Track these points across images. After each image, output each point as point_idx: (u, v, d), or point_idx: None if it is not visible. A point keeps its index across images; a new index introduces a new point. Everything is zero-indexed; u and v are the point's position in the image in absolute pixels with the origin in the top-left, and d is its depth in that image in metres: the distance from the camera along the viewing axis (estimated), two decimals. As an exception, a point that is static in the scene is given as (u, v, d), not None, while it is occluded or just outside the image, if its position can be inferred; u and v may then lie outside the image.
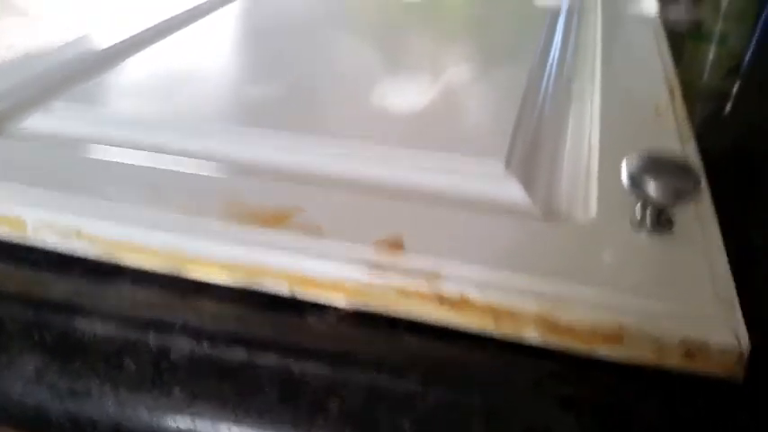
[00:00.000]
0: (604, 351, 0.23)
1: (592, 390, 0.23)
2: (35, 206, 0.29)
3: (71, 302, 0.27)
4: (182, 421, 0.23)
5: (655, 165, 0.25)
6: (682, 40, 0.60)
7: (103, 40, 0.48)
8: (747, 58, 0.59)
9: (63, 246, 0.29)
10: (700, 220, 0.27)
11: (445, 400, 0.23)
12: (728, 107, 0.50)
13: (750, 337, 0.22)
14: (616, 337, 0.23)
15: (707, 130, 0.41)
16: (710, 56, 0.61)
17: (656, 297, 0.23)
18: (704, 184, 0.29)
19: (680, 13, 0.67)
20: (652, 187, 0.24)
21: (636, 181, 0.25)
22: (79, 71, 0.44)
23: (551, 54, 0.47)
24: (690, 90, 0.50)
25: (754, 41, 0.62)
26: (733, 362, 0.22)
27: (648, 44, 0.47)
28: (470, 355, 0.24)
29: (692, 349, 0.22)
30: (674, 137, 0.33)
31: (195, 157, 0.32)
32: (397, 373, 0.24)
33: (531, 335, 0.24)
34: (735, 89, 0.53)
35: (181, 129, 0.35)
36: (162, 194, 0.29)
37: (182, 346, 0.25)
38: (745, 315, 0.23)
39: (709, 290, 0.24)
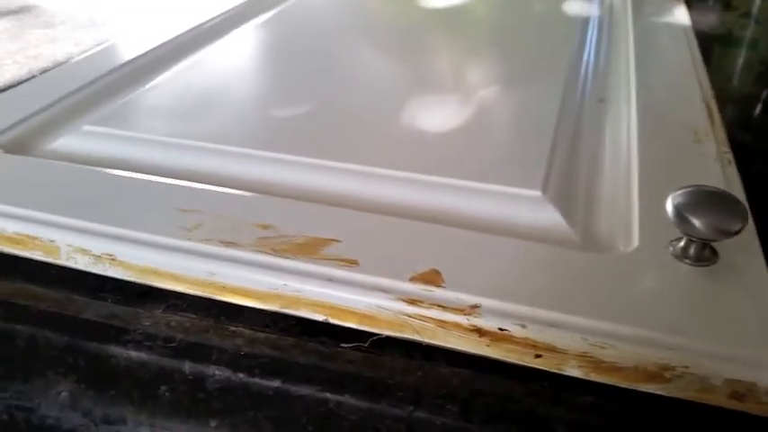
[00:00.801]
0: (649, 388, 0.23)
1: (636, 426, 0.22)
2: (68, 231, 0.29)
3: (106, 325, 0.27)
4: (217, 452, 0.23)
5: (701, 200, 0.25)
6: (711, 44, 0.60)
7: (126, 53, 0.48)
8: None
9: (96, 269, 0.29)
10: (744, 251, 0.26)
11: (485, 437, 0.22)
12: (758, 110, 0.50)
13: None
14: (659, 376, 0.22)
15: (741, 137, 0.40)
16: (741, 61, 0.60)
17: (701, 336, 0.22)
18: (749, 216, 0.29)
19: (710, 19, 0.66)
20: (699, 224, 0.24)
21: (682, 216, 0.24)
22: (106, 89, 0.44)
23: (582, 69, 0.47)
24: (721, 95, 0.50)
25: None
26: (783, 403, 0.22)
27: (683, 60, 0.47)
28: (510, 387, 0.24)
29: (739, 390, 0.22)
30: (715, 163, 0.32)
31: (227, 183, 0.32)
32: (434, 406, 0.23)
33: (573, 371, 0.23)
34: (765, 94, 0.53)
35: (210, 152, 0.35)
36: (194, 221, 0.29)
37: (217, 374, 0.25)
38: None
39: (754, 328, 0.23)
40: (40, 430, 0.26)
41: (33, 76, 0.52)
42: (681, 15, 0.56)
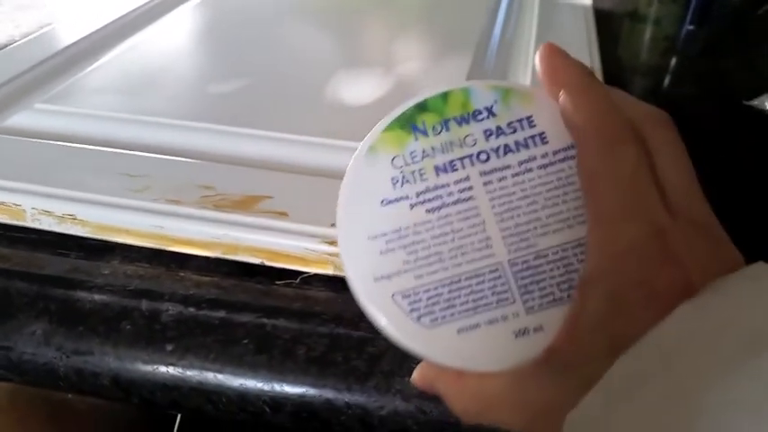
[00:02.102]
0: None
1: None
2: (33, 195, 0.33)
3: (70, 277, 0.32)
4: (173, 370, 0.28)
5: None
6: (620, 21, 0.66)
7: (70, 34, 0.52)
8: (681, 37, 0.65)
9: (59, 228, 0.33)
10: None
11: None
12: (666, 82, 0.56)
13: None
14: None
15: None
16: (647, 36, 0.67)
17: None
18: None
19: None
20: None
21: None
22: (54, 70, 0.47)
23: (490, 47, 0.52)
24: (630, 67, 0.56)
25: (686, 23, 0.68)
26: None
27: (580, 39, 0.53)
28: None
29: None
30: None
31: (171, 152, 0.36)
32: (352, 324, 0.29)
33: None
34: (671, 65, 0.60)
35: (155, 125, 0.39)
36: (143, 184, 0.33)
37: (170, 309, 0.30)
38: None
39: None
40: (19, 365, 0.30)
41: (-24, 59, 0.55)
42: (582, -6, 0.62)
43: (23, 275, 0.32)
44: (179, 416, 0.59)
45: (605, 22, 0.60)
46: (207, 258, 0.32)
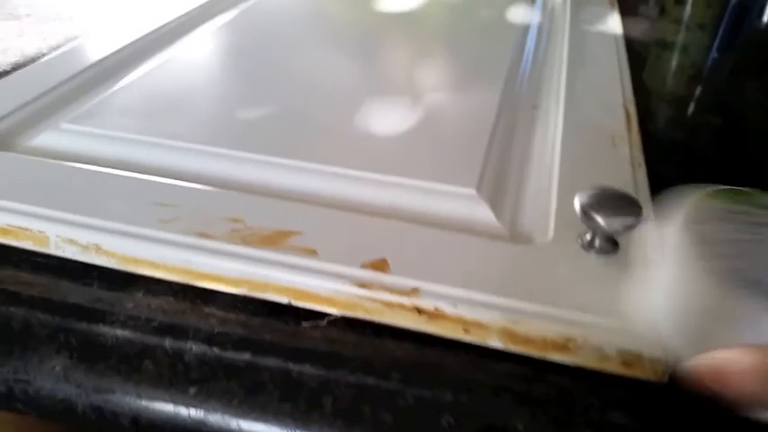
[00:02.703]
0: (556, 357, 0.28)
1: (545, 387, 0.27)
2: (57, 223, 0.32)
3: (93, 309, 0.31)
4: (196, 414, 0.27)
5: (603, 199, 0.29)
6: (647, 49, 0.65)
7: (95, 51, 0.51)
8: (707, 65, 0.64)
9: (83, 258, 0.32)
10: (641, 242, 0.32)
11: (422, 397, 0.27)
12: (689, 109, 0.55)
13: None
14: (564, 347, 0.27)
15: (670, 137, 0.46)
16: (674, 63, 0.66)
17: (600, 314, 0.27)
18: (649, 212, 0.34)
19: (644, 25, 0.72)
20: (600, 220, 0.29)
21: (587, 213, 0.29)
22: (79, 88, 0.47)
23: (519, 76, 0.52)
24: (655, 95, 0.55)
25: (713, 50, 0.68)
26: (661, 369, 0.27)
27: (611, 68, 0.52)
28: (443, 358, 0.29)
29: (628, 359, 0.27)
30: (627, 165, 0.37)
31: (199, 179, 0.36)
32: (381, 373, 0.28)
33: (495, 342, 0.28)
34: (696, 94, 0.58)
35: (182, 151, 0.38)
36: (171, 214, 0.32)
37: (194, 349, 0.29)
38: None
39: (643, 307, 0.28)
40: (37, 400, 0.29)
41: (5, 71, 0.55)
42: (613, 23, 0.61)
43: (45, 305, 0.31)
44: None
45: (632, 49, 0.59)
46: (233, 295, 0.31)
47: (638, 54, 0.60)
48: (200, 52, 0.54)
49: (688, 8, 0.80)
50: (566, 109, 0.43)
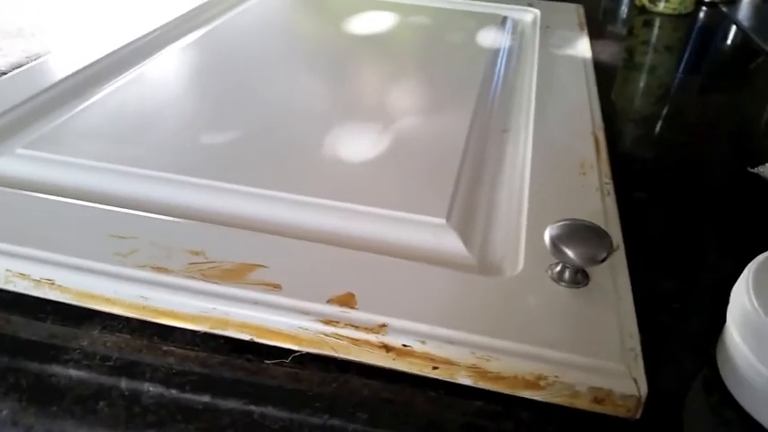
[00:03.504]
0: (526, 394, 0.27)
1: (515, 425, 0.27)
2: (8, 256, 0.31)
3: (46, 345, 0.29)
4: (152, 461, 0.26)
5: (573, 231, 0.29)
6: (615, 70, 0.66)
7: (56, 71, 0.50)
8: (674, 85, 0.65)
9: (36, 292, 0.31)
10: (613, 275, 0.31)
11: (388, 440, 0.26)
12: (657, 129, 0.56)
13: (650, 380, 0.26)
14: (535, 384, 0.27)
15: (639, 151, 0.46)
16: (642, 84, 0.66)
17: (571, 350, 0.27)
18: (619, 243, 0.34)
19: (612, 46, 0.72)
20: (571, 253, 0.28)
21: (557, 247, 0.29)
22: (37, 110, 0.45)
23: (489, 100, 0.51)
24: (623, 116, 0.56)
25: (679, 72, 0.69)
26: (633, 405, 0.26)
27: (580, 93, 0.52)
28: (412, 395, 0.28)
29: (599, 396, 0.26)
30: (596, 193, 0.37)
31: (159, 209, 0.35)
32: (347, 414, 0.27)
33: (465, 380, 0.27)
34: (663, 112, 0.59)
35: (142, 178, 0.37)
36: (129, 247, 0.31)
37: (151, 390, 0.28)
38: (648, 359, 0.27)
39: (617, 343, 0.28)
40: (-18, 446, 0.28)
41: (-41, 91, 0.53)
42: (582, 46, 0.62)
43: (-6, 343, 0.30)
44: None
45: (601, 69, 0.59)
46: (193, 331, 0.30)
47: (606, 74, 0.61)
48: (165, 73, 0.52)
49: (655, 30, 0.81)
50: (535, 134, 0.43)
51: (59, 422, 0.27)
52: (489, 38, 0.63)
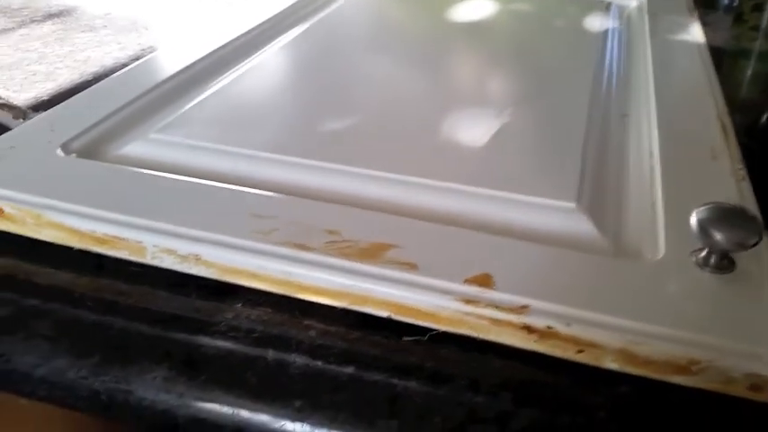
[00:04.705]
0: (676, 380, 0.26)
1: (666, 412, 0.26)
2: (155, 233, 0.32)
3: (192, 319, 0.31)
4: (301, 429, 0.27)
5: (722, 215, 0.28)
6: (723, 57, 0.63)
7: (174, 62, 0.52)
8: None
9: (181, 268, 0.32)
10: (758, 261, 0.30)
11: (537, 419, 0.26)
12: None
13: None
14: (687, 369, 0.26)
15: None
16: (750, 72, 0.63)
17: (725, 335, 0.26)
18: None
19: (721, 32, 0.69)
20: (720, 237, 0.27)
21: (705, 230, 0.28)
22: (163, 98, 0.47)
23: (605, 84, 0.50)
24: (734, 105, 0.53)
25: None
26: (793, 394, 0.25)
27: (698, 76, 0.50)
28: (555, 378, 0.28)
29: (756, 383, 0.25)
30: (730, 179, 0.36)
31: (293, 191, 0.35)
32: (491, 392, 0.27)
33: (611, 364, 0.27)
34: None
35: (270, 162, 0.38)
36: (270, 226, 0.32)
37: (297, 361, 0.28)
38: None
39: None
40: (138, 410, 0.29)
41: (87, 81, 0.56)
42: (695, 32, 0.59)
43: (144, 316, 0.31)
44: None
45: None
46: (330, 308, 0.31)
47: (719, 60, 0.58)
48: (275, 65, 0.54)
49: (767, 14, 0.77)
50: (659, 119, 0.42)
51: (209, 390, 0.28)
52: (596, 24, 0.62)
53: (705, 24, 0.68)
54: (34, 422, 0.36)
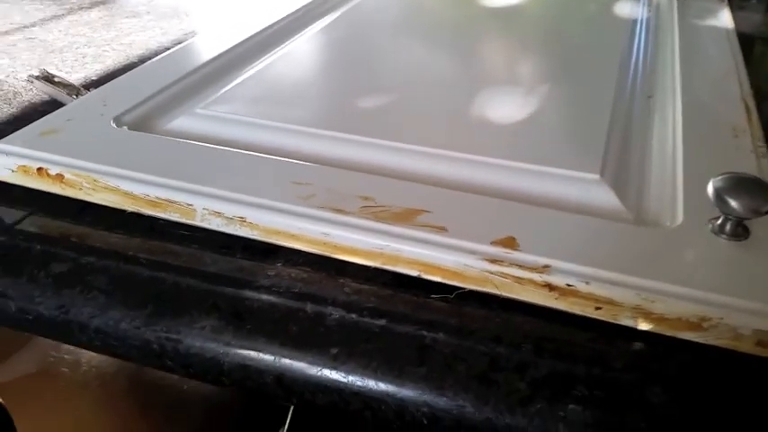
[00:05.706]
0: (688, 336, 0.28)
1: (676, 366, 0.28)
2: (204, 197, 0.35)
3: (238, 276, 0.33)
4: (337, 374, 0.29)
5: (738, 184, 0.30)
6: (753, 44, 0.64)
7: (216, 44, 0.54)
8: None
9: (227, 229, 0.35)
10: (772, 229, 0.31)
11: (554, 369, 0.28)
12: None
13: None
14: (698, 326, 0.28)
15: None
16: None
17: (735, 294, 0.28)
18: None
19: (753, 19, 0.70)
20: (735, 204, 0.29)
21: (721, 198, 0.29)
22: (207, 77, 0.50)
23: (632, 67, 0.52)
24: (759, 92, 0.54)
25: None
26: (800, 350, 0.27)
27: (725, 60, 0.51)
28: (573, 333, 0.30)
29: (764, 339, 0.27)
30: (751, 155, 0.37)
31: (327, 161, 0.38)
32: (513, 344, 0.29)
33: (627, 321, 0.29)
34: None
35: (309, 136, 0.41)
36: (308, 192, 0.34)
37: (334, 314, 0.31)
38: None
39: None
40: (186, 357, 0.32)
41: (132, 63, 0.59)
42: (724, 17, 0.60)
43: (193, 272, 0.34)
44: (291, 408, 0.60)
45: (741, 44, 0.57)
46: (364, 267, 0.33)
47: (747, 46, 0.59)
48: (311, 47, 0.56)
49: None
50: (683, 100, 0.43)
51: (253, 339, 0.31)
52: (624, 9, 0.63)
53: (739, 10, 0.69)
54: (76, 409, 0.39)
